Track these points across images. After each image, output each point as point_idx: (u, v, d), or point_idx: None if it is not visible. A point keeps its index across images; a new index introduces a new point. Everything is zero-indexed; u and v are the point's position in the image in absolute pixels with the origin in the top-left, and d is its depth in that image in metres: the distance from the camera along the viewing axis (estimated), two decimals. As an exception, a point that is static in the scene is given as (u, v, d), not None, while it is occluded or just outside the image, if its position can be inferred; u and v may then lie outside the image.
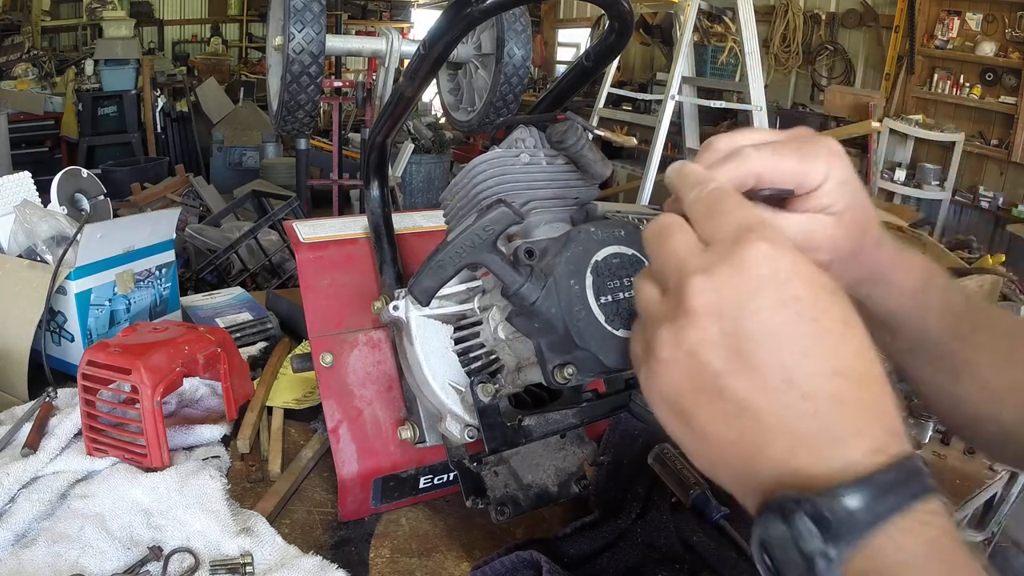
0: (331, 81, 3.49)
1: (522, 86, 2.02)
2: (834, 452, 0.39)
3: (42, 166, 5.08)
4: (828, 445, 0.39)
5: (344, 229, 0.97)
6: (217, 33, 10.48)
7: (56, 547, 0.77)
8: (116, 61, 6.86)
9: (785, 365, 0.40)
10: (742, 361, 0.40)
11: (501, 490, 0.81)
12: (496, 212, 0.63)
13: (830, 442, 0.39)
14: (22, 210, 1.21)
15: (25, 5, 8.23)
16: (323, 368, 0.89)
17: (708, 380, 0.41)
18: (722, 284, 0.41)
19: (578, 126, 0.71)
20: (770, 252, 0.41)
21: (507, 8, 0.69)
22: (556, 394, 0.78)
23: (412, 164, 5.16)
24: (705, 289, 0.41)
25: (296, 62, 1.98)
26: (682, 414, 0.43)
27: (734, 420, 0.41)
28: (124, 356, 0.89)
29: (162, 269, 1.30)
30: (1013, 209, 5.25)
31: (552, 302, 0.58)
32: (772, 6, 6.48)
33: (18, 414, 0.99)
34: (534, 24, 9.90)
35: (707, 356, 0.41)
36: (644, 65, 8.40)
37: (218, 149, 6.91)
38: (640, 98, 6.26)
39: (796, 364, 0.40)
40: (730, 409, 0.41)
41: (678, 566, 0.82)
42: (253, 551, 0.79)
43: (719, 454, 0.43)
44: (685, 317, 0.42)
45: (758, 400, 0.40)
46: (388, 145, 0.92)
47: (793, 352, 0.40)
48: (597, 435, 1.02)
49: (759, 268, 0.41)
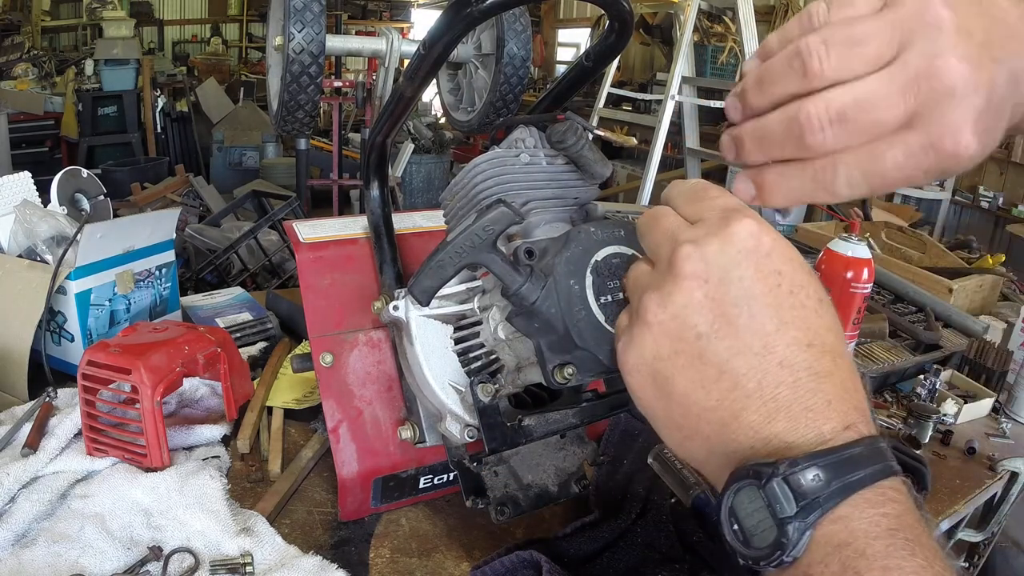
0: (331, 81, 3.49)
1: (522, 86, 2.02)
2: (808, 422, 0.41)
3: (42, 166, 5.09)
4: (802, 415, 0.41)
5: (344, 229, 0.97)
6: (217, 33, 10.49)
7: (56, 547, 0.77)
8: (116, 61, 6.86)
9: (765, 330, 0.42)
10: (724, 324, 0.43)
11: (501, 490, 0.81)
12: (496, 212, 0.63)
13: (804, 412, 0.41)
14: (22, 210, 1.21)
15: (25, 5, 8.24)
16: (323, 368, 0.89)
17: (690, 342, 0.43)
18: (709, 252, 0.44)
19: (578, 126, 0.71)
20: (755, 228, 0.44)
21: (507, 8, 0.69)
22: (556, 394, 0.78)
23: (412, 164, 5.16)
24: (693, 255, 0.44)
25: (296, 62, 1.99)
26: (660, 379, 0.45)
27: (713, 384, 0.43)
28: (124, 356, 0.89)
29: (162, 269, 1.30)
30: (1013, 209, 5.25)
31: (552, 302, 0.58)
32: (772, 6, 6.47)
33: (18, 414, 0.99)
34: (534, 24, 9.91)
35: (691, 318, 0.43)
36: (644, 65, 8.40)
37: (218, 149, 6.91)
38: (640, 98, 6.26)
39: (775, 331, 0.42)
40: (710, 373, 0.43)
41: (678, 566, 0.82)
42: (253, 551, 0.79)
43: (695, 423, 0.44)
44: (672, 282, 0.44)
45: (738, 364, 0.42)
46: (388, 145, 0.92)
47: (772, 319, 0.42)
48: (597, 435, 1.02)
49: (744, 241, 0.43)
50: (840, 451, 0.39)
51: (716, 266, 0.43)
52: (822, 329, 0.43)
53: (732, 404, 0.42)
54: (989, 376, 1.42)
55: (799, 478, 0.38)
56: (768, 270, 0.43)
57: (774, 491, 0.38)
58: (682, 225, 0.47)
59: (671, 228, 0.47)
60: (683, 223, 0.47)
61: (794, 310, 0.43)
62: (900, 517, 0.38)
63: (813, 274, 0.45)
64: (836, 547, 0.37)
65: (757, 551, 0.39)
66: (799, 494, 0.38)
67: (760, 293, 0.42)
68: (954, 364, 1.48)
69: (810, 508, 0.38)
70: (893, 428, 1.24)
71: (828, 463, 0.38)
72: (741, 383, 0.42)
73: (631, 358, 0.46)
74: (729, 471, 0.41)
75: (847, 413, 0.41)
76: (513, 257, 0.61)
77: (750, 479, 0.40)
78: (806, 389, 0.41)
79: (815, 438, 0.40)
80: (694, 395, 0.43)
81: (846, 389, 0.42)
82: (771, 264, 0.43)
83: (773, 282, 0.43)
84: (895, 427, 1.24)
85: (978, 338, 1.51)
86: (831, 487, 0.38)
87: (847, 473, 0.38)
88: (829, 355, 0.42)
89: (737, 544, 0.41)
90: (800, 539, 0.38)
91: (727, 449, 0.42)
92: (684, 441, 0.45)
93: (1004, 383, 1.41)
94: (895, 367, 1.38)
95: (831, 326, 0.44)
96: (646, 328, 0.45)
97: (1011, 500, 1.22)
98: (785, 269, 0.43)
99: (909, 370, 1.40)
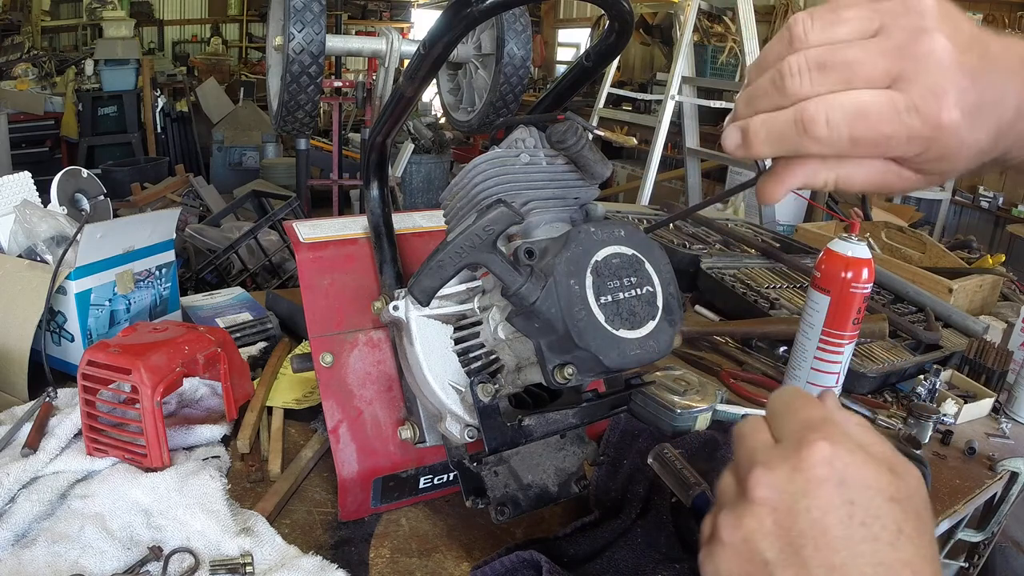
0: (331, 81, 3.49)
1: (522, 86, 2.02)
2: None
3: (42, 166, 5.08)
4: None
5: (344, 229, 0.97)
6: (217, 33, 10.49)
7: (56, 547, 0.77)
8: (116, 61, 6.86)
9: (832, 564, 0.41)
10: (792, 554, 0.42)
11: (501, 490, 0.81)
12: (496, 212, 0.63)
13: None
14: (22, 210, 1.21)
15: (25, 5, 8.24)
16: (323, 368, 0.89)
17: (759, 567, 0.43)
18: (781, 480, 0.44)
19: (578, 126, 0.71)
20: (830, 453, 0.43)
21: (507, 8, 0.69)
22: (556, 394, 0.78)
23: (412, 164, 5.16)
24: (764, 482, 0.44)
25: (296, 62, 1.99)
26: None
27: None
28: (124, 356, 0.89)
29: (162, 269, 1.30)
30: (1013, 209, 5.25)
31: (552, 302, 0.58)
32: (772, 6, 6.48)
33: (18, 414, 0.99)
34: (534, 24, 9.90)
35: (760, 545, 0.44)
36: (644, 65, 8.40)
37: (218, 149, 6.92)
38: (640, 98, 6.26)
39: (841, 566, 0.41)
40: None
41: (678, 566, 0.82)
42: (253, 551, 0.79)
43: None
44: (745, 505, 0.45)
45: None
46: (388, 145, 0.92)
47: (839, 553, 0.41)
48: (597, 435, 1.03)
49: (817, 469, 0.43)
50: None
51: (786, 495, 0.43)
52: (897, 563, 0.41)
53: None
54: (989, 376, 1.42)
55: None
56: (840, 501, 0.42)
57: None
58: (763, 445, 0.47)
59: (752, 448, 0.48)
60: (766, 441, 0.47)
61: (864, 543, 0.41)
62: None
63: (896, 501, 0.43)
64: None
65: None
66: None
67: (829, 525, 0.42)
68: (954, 364, 1.48)
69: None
70: (893, 428, 1.24)
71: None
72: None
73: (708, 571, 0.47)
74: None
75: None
76: (513, 257, 0.61)
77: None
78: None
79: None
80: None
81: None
82: (844, 494, 0.42)
83: (844, 514, 0.42)
84: (895, 427, 1.24)
85: (978, 338, 1.51)
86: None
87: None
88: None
89: None
90: None
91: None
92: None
93: (1004, 383, 1.41)
94: (895, 367, 1.38)
95: (909, 560, 0.42)
96: (721, 547, 0.46)
97: (1011, 500, 1.22)
98: (859, 498, 0.42)
99: (909, 370, 1.40)
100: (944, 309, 1.66)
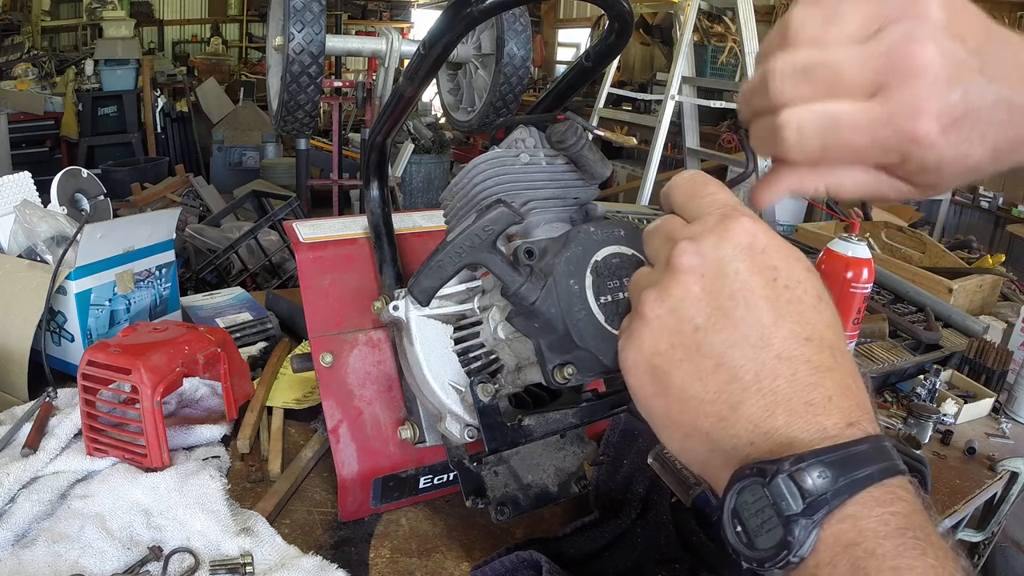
0: (331, 81, 3.48)
1: (522, 86, 2.02)
2: (809, 417, 0.40)
3: (42, 166, 5.07)
4: (803, 409, 0.40)
5: (344, 229, 0.98)
6: (217, 33, 10.48)
7: (56, 547, 0.77)
8: (116, 61, 6.85)
9: (761, 323, 0.42)
10: (721, 316, 0.43)
11: (501, 490, 0.81)
12: (496, 212, 0.63)
13: (804, 406, 0.40)
14: (22, 210, 1.21)
15: (25, 5, 8.23)
16: (323, 368, 0.89)
17: (687, 335, 0.44)
18: (706, 248, 0.44)
19: (578, 126, 0.71)
20: (751, 226, 0.44)
21: (507, 8, 0.69)
22: (556, 394, 0.78)
23: (412, 164, 5.16)
24: (689, 251, 0.44)
25: (296, 62, 1.99)
26: (659, 373, 0.45)
27: (710, 376, 0.43)
28: (124, 356, 0.89)
29: (162, 269, 1.30)
30: (1013, 209, 5.25)
31: (552, 302, 0.58)
32: (772, 6, 6.47)
33: (18, 414, 0.99)
34: (534, 24, 9.91)
35: (688, 311, 0.44)
36: (644, 65, 8.39)
37: (218, 149, 6.91)
38: (640, 98, 6.25)
39: (771, 324, 0.42)
40: (707, 364, 0.43)
41: (678, 566, 0.82)
42: (253, 551, 0.79)
43: (693, 418, 0.44)
44: (670, 277, 0.45)
45: (735, 355, 0.42)
46: (388, 145, 0.92)
47: (768, 312, 0.42)
48: (597, 435, 1.02)
49: (740, 237, 0.44)
50: (845, 448, 0.38)
51: (712, 260, 0.44)
52: (821, 325, 0.43)
53: (730, 396, 0.42)
54: (989, 376, 1.42)
55: (805, 475, 0.37)
56: (764, 265, 0.43)
57: (779, 488, 0.38)
58: (680, 225, 0.47)
59: (670, 229, 0.48)
60: (681, 223, 0.48)
61: (791, 304, 0.43)
62: (909, 516, 0.37)
63: (812, 271, 0.45)
64: (844, 547, 0.37)
65: (762, 552, 0.38)
66: (805, 491, 0.37)
67: (756, 286, 0.43)
68: (954, 364, 1.48)
69: (816, 506, 0.37)
70: (893, 428, 1.24)
71: (834, 460, 0.38)
72: (738, 375, 0.42)
73: (630, 355, 0.46)
74: (731, 471, 0.41)
75: (849, 410, 0.40)
76: (513, 257, 0.61)
77: (753, 477, 0.39)
78: (805, 383, 0.41)
79: (817, 434, 0.39)
80: (692, 388, 0.43)
81: (847, 386, 0.42)
82: (767, 259, 0.44)
83: (769, 276, 0.43)
84: (895, 427, 1.24)
85: (978, 338, 1.51)
86: (838, 484, 0.37)
87: (854, 470, 0.38)
88: (828, 351, 0.42)
89: (740, 546, 0.40)
90: (807, 538, 0.37)
91: (727, 445, 0.42)
92: (684, 440, 0.45)
93: (1004, 383, 1.41)
94: (895, 367, 1.38)
95: (830, 323, 0.43)
96: (644, 324, 0.45)
97: (1011, 500, 1.22)
98: (781, 264, 0.44)
99: (909, 370, 1.41)
100: (944, 309, 1.66)
